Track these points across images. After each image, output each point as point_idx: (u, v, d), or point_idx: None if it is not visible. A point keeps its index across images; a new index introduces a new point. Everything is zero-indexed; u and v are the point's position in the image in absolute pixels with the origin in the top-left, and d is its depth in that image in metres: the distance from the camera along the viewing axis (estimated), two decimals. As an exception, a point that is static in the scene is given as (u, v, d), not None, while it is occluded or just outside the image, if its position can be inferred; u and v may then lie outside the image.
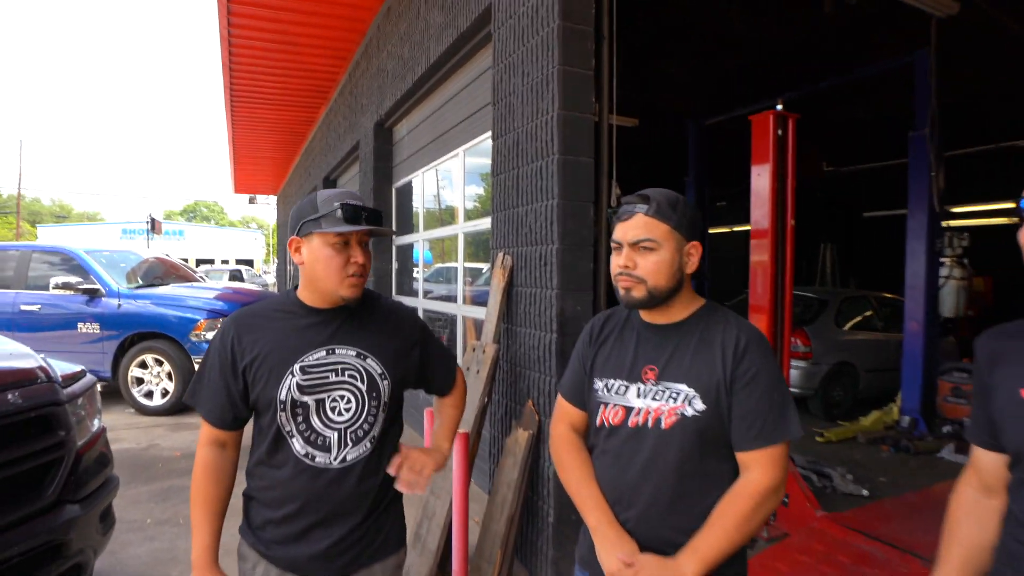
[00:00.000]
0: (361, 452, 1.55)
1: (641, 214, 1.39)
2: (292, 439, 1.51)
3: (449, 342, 5.42)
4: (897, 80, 6.89)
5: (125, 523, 3.86)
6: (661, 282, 1.39)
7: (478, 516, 3.67)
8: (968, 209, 10.44)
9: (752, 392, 1.33)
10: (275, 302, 1.62)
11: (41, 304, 6.75)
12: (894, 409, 6.47)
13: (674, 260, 1.39)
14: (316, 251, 1.50)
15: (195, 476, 1.55)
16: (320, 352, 1.53)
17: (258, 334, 1.53)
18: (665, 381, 1.40)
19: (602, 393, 1.49)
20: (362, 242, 1.53)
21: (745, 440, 1.34)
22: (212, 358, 1.55)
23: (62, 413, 2.37)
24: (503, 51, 3.49)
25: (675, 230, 1.39)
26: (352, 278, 1.51)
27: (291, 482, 1.51)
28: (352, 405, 1.54)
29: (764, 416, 1.33)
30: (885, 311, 7.82)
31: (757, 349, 1.36)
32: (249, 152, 14.33)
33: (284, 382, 1.49)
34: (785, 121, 3.74)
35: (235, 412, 1.55)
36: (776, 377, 1.36)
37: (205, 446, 1.57)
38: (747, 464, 1.35)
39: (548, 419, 3.03)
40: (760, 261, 3.84)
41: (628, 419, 1.43)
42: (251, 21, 6.79)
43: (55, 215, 56.91)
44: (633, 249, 1.39)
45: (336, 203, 1.48)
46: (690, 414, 1.35)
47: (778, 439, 1.32)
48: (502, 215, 3.50)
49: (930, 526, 3.79)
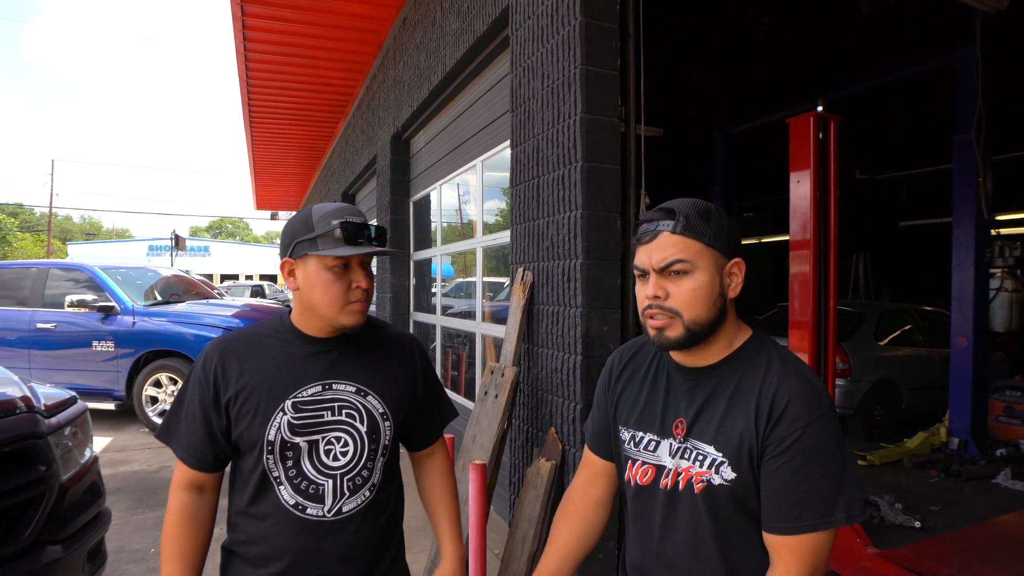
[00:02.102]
0: (359, 503, 1.33)
1: (667, 232, 1.10)
2: (280, 487, 1.30)
3: (468, 361, 5.20)
4: (936, 82, 6.58)
5: (127, 553, 3.68)
6: (701, 313, 1.10)
7: (498, 548, 3.43)
8: (1017, 217, 9.98)
9: (786, 465, 1.04)
10: (266, 327, 1.40)
11: (57, 322, 6.68)
12: (941, 430, 6.08)
13: (714, 284, 1.11)
14: (313, 275, 1.29)
15: (167, 525, 1.34)
16: (315, 387, 1.32)
17: (245, 364, 1.33)
18: (693, 439, 1.14)
19: (629, 447, 1.24)
20: (364, 263, 1.33)
21: (771, 521, 1.06)
22: (191, 389, 1.34)
23: (43, 446, 2.18)
24: (521, 54, 3.29)
25: (711, 247, 1.10)
26: (355, 304, 1.31)
27: (278, 537, 1.29)
28: (350, 448, 1.32)
29: (798, 495, 1.04)
30: (926, 325, 7.44)
31: (801, 410, 1.05)
32: (269, 168, 14.37)
33: (273, 420, 1.28)
34: (827, 124, 3.47)
35: (216, 452, 1.33)
36: (823, 446, 1.05)
37: (180, 490, 1.35)
38: (775, 551, 1.07)
39: (572, 448, 2.78)
40: (800, 273, 3.56)
41: (659, 480, 1.17)
42: (266, 35, 6.73)
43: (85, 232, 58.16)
44: (662, 276, 1.11)
45: (335, 221, 1.27)
46: (717, 483, 1.09)
47: (815, 526, 1.02)
48: (522, 228, 3.28)
49: (995, 566, 3.49)
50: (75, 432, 2.50)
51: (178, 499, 1.34)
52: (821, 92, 7.05)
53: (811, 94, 7.06)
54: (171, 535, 1.33)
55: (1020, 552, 3.54)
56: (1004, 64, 6.05)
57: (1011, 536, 3.78)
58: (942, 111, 7.10)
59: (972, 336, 5.76)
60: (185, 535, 1.32)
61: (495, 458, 3.03)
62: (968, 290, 5.76)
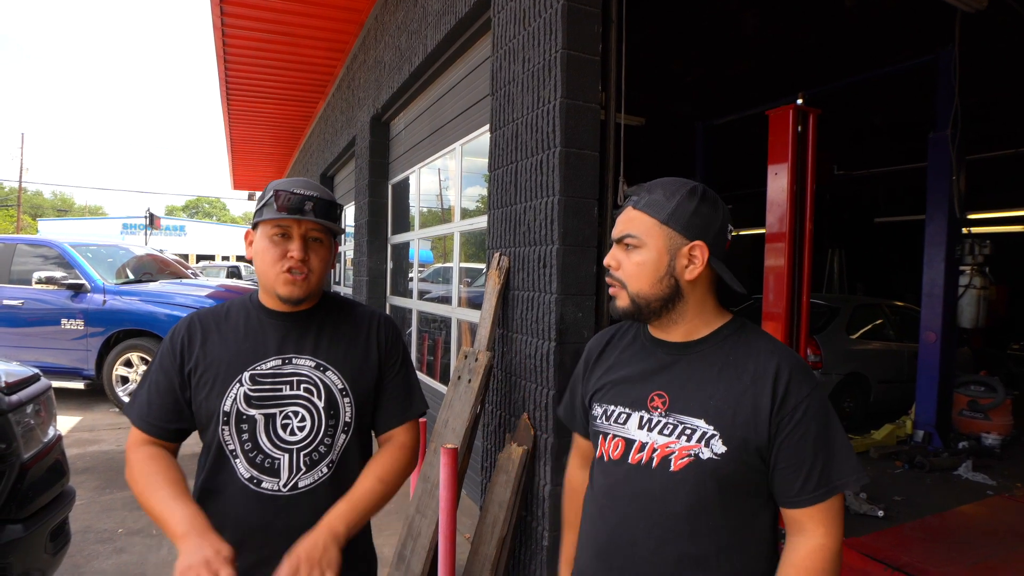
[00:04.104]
0: (316, 479, 1.33)
1: (631, 207, 1.17)
2: (236, 460, 1.30)
3: (444, 346, 5.18)
4: (915, 80, 6.64)
5: (94, 533, 3.64)
6: (644, 288, 1.14)
7: (469, 532, 3.44)
8: (988, 216, 10.18)
9: (805, 436, 1.06)
10: (235, 303, 1.42)
11: (24, 299, 6.52)
12: (907, 423, 6.21)
13: (660, 262, 1.12)
14: (257, 243, 1.34)
15: (135, 475, 1.28)
16: (275, 360, 1.33)
17: (210, 336, 1.35)
18: (677, 413, 1.12)
19: (601, 422, 1.23)
20: (307, 236, 1.32)
21: (801, 494, 1.06)
22: (159, 360, 1.35)
23: (3, 424, 2.13)
24: (503, 36, 3.26)
25: (665, 224, 1.12)
26: (287, 274, 1.30)
27: (232, 511, 1.28)
28: (307, 424, 1.32)
29: (822, 462, 1.06)
30: (897, 320, 7.57)
31: (803, 381, 1.08)
32: (247, 147, 14.12)
33: (230, 391, 1.29)
34: (806, 117, 3.49)
35: (179, 422, 1.33)
36: (827, 411, 1.09)
37: (137, 446, 1.32)
38: (801, 524, 1.08)
39: (544, 434, 2.79)
40: (775, 266, 3.59)
41: (628, 454, 1.16)
42: (245, 10, 6.58)
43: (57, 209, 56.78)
44: (619, 247, 1.18)
45: (277, 190, 1.29)
46: (706, 457, 1.08)
47: (839, 487, 1.06)
48: (499, 212, 3.26)
49: (953, 554, 3.58)
50: (38, 410, 2.43)
51: (138, 452, 1.32)
52: (802, 87, 7.09)
53: (792, 89, 7.09)
54: (147, 470, 1.27)
55: (978, 541, 3.64)
56: (983, 66, 6.13)
57: (969, 526, 3.88)
58: (921, 109, 7.18)
59: (940, 331, 5.87)
60: (159, 469, 1.28)
61: (467, 442, 3.02)
62: (938, 286, 5.86)
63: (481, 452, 3.44)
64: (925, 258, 5.95)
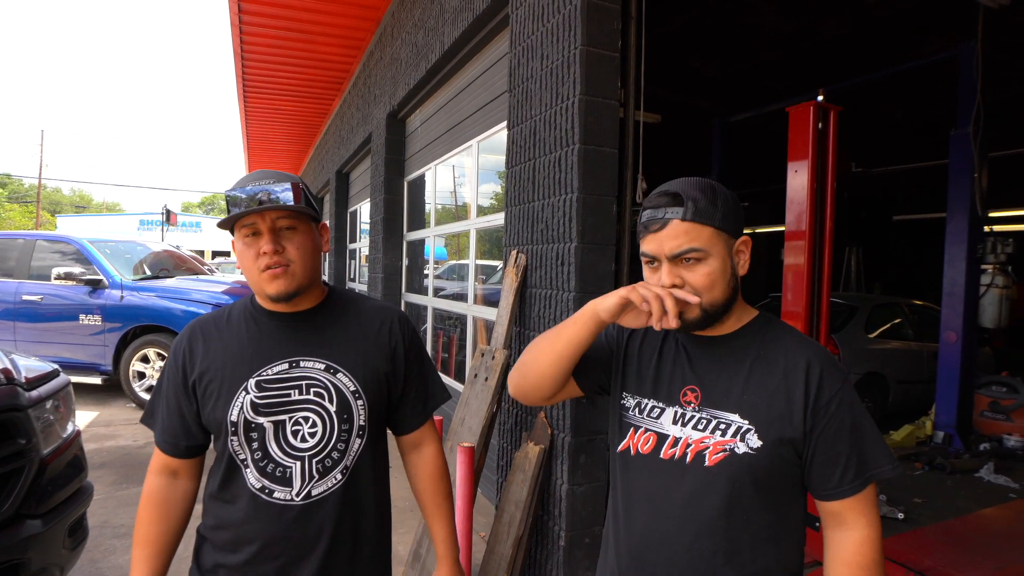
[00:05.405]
0: (330, 486, 1.28)
1: (677, 220, 1.08)
2: (246, 470, 1.26)
3: (459, 343, 5.18)
4: (937, 76, 6.54)
5: (111, 528, 3.66)
6: (718, 296, 1.11)
7: (484, 531, 3.43)
8: (1010, 214, 10.01)
9: (841, 428, 1.07)
10: (236, 306, 1.37)
11: (43, 294, 6.59)
12: (927, 424, 6.12)
13: (727, 267, 1.12)
14: (236, 249, 1.28)
15: (139, 509, 1.32)
16: (282, 364, 1.28)
17: (210, 344, 1.30)
18: (710, 408, 1.12)
19: (633, 414, 1.21)
20: (276, 227, 1.24)
21: (840, 485, 1.07)
22: (165, 374, 1.33)
23: (23, 419, 2.14)
24: (521, 33, 3.23)
25: (720, 230, 1.10)
26: (268, 272, 1.23)
27: (245, 522, 1.26)
28: (318, 429, 1.27)
29: (857, 453, 1.07)
30: (916, 319, 7.46)
31: (834, 374, 1.10)
32: (263, 144, 14.20)
33: (236, 400, 1.25)
34: (826, 113, 3.43)
35: (188, 439, 1.31)
36: (858, 402, 1.10)
37: (153, 474, 1.34)
38: (841, 516, 1.09)
39: (561, 432, 2.77)
40: (795, 264, 3.54)
41: (660, 449, 1.15)
42: (262, 7, 6.60)
43: (75, 205, 57.39)
44: (675, 264, 1.10)
45: (228, 193, 1.23)
46: (741, 451, 1.08)
47: (875, 475, 1.08)
48: (516, 210, 3.24)
49: (977, 558, 3.52)
50: (57, 406, 2.45)
51: (151, 483, 1.33)
52: (820, 83, 7.00)
53: (811, 85, 7.01)
54: (141, 519, 1.32)
55: (1001, 545, 3.57)
56: (1006, 62, 6.02)
57: (993, 529, 3.81)
58: (942, 106, 7.07)
59: (961, 331, 5.77)
60: (154, 520, 1.31)
61: (483, 441, 3.01)
62: (959, 285, 5.76)
63: (497, 451, 3.43)
64: (946, 256, 5.85)
